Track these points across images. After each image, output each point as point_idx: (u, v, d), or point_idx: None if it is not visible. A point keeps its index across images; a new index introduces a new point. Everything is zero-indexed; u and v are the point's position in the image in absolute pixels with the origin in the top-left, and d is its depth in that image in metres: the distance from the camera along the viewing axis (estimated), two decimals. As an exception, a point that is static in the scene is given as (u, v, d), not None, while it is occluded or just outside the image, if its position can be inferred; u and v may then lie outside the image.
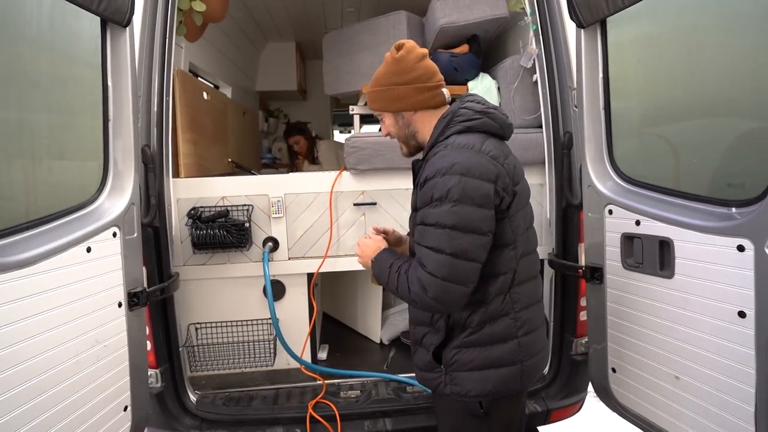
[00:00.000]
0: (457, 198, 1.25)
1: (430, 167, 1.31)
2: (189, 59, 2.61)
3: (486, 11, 2.47)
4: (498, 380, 1.38)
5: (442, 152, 1.32)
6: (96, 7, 1.46)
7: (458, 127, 1.36)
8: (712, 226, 1.37)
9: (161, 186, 2.01)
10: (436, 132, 1.40)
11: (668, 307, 1.54)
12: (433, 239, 1.27)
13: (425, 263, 1.28)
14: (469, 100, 1.43)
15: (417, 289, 1.29)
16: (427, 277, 1.27)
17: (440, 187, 1.26)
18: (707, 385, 1.42)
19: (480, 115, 1.38)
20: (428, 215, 1.29)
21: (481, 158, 1.30)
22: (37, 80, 1.48)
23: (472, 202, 1.26)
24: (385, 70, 1.44)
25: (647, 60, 1.85)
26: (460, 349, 1.39)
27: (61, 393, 1.39)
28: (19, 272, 1.25)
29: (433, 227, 1.27)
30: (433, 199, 1.28)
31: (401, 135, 1.50)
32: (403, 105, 1.43)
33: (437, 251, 1.26)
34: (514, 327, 1.40)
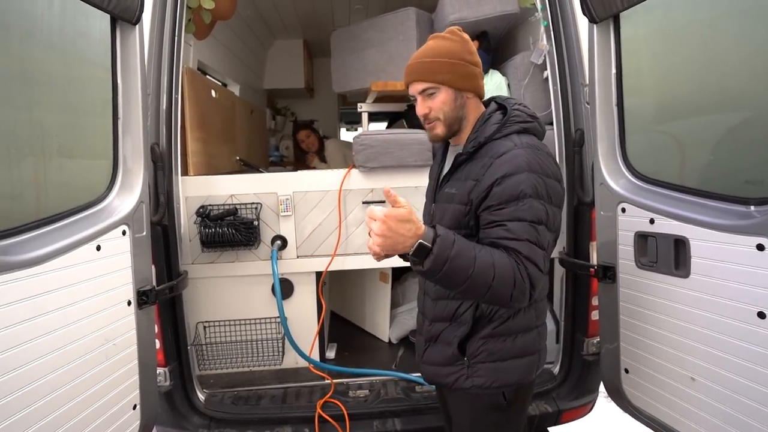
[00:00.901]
0: (544, 196, 1.26)
1: (505, 164, 1.26)
2: (197, 57, 2.61)
3: (496, 7, 2.44)
4: (521, 370, 1.40)
5: (514, 151, 1.29)
6: (106, 5, 1.45)
7: (516, 127, 1.35)
8: (730, 224, 1.34)
9: (170, 184, 2.00)
10: (487, 129, 1.36)
11: (684, 307, 1.51)
12: (535, 235, 1.23)
13: (536, 259, 1.22)
14: (516, 104, 1.41)
15: (525, 287, 1.20)
16: (538, 274, 1.23)
17: (528, 183, 1.24)
18: (724, 387, 1.39)
19: (531, 119, 1.39)
20: (524, 210, 1.23)
21: (551, 160, 1.33)
22: (47, 79, 1.48)
23: (553, 202, 1.29)
24: (456, 45, 1.36)
25: (661, 55, 1.82)
26: (486, 340, 1.38)
27: (71, 391, 1.39)
28: (29, 270, 1.25)
29: (534, 223, 1.24)
30: (524, 194, 1.23)
31: (451, 116, 1.39)
32: (472, 85, 1.39)
33: (540, 247, 1.24)
34: (534, 316, 1.42)
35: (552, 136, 2.18)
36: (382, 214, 1.14)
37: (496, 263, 1.18)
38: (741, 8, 1.50)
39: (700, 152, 1.67)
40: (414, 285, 3.02)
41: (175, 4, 2.01)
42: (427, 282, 1.49)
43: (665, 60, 1.78)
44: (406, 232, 1.14)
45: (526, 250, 1.21)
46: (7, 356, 1.18)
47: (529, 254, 1.22)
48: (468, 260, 1.15)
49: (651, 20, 1.73)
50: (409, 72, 1.39)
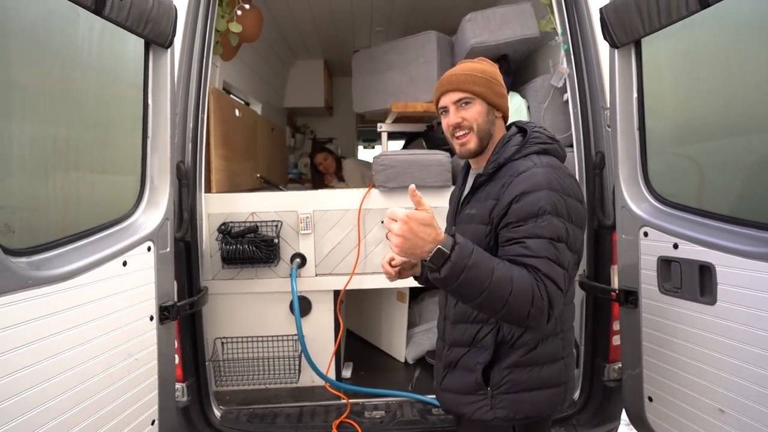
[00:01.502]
0: (564, 215, 1.25)
1: (524, 182, 1.26)
2: (223, 77, 2.68)
3: (516, 31, 2.47)
4: (545, 402, 1.35)
5: (534, 170, 1.29)
6: (142, 30, 1.52)
7: (535, 147, 1.36)
8: (759, 251, 1.31)
9: (194, 201, 2.05)
10: (508, 150, 1.37)
11: (710, 335, 1.48)
12: (554, 252, 1.21)
13: (555, 277, 1.19)
14: (536, 126, 1.44)
15: (543, 305, 1.16)
16: (557, 293, 1.19)
17: (547, 200, 1.23)
18: (756, 420, 1.34)
19: (551, 141, 1.40)
20: (544, 226, 1.22)
21: (570, 180, 1.32)
22: (84, 99, 1.55)
23: (573, 221, 1.27)
24: (489, 67, 1.44)
25: (684, 78, 1.81)
26: (512, 370, 1.33)
27: (94, 405, 1.41)
28: (60, 285, 1.29)
29: (554, 240, 1.22)
30: (543, 211, 1.22)
31: (483, 128, 1.41)
32: (503, 104, 1.44)
33: (560, 264, 1.21)
34: (561, 347, 1.38)
35: (572, 159, 2.17)
36: (404, 215, 1.12)
37: (515, 278, 1.15)
38: (764, 30, 1.50)
39: (723, 176, 1.65)
40: (431, 305, 3.00)
41: (205, 28, 2.09)
42: (447, 305, 1.47)
43: (687, 83, 1.78)
44: (426, 236, 1.12)
45: (545, 268, 1.18)
46: (35, 369, 1.21)
47: (548, 272, 1.19)
48: (486, 271, 1.13)
49: (673, 44, 1.73)
50: (444, 83, 1.43)
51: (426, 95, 2.74)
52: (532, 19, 2.49)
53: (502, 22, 2.47)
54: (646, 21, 1.60)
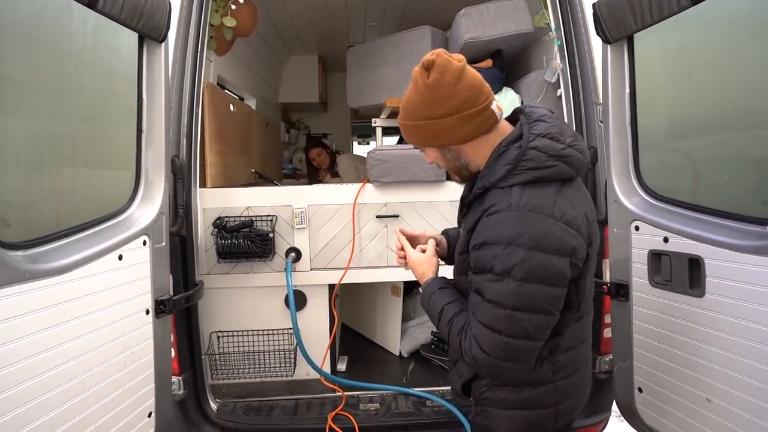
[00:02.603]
0: (523, 276, 1.07)
1: (488, 229, 1.11)
2: (217, 72, 2.68)
3: (510, 26, 2.48)
4: (528, 420, 1.29)
5: (504, 214, 1.10)
6: (135, 24, 1.52)
7: (525, 176, 1.11)
8: (746, 244, 1.34)
9: (189, 196, 2.05)
10: (496, 170, 1.16)
11: (699, 326, 1.51)
12: (490, 317, 1.12)
13: (480, 342, 1.13)
14: (541, 134, 1.14)
15: (470, 361, 1.18)
16: (482, 356, 1.14)
17: (502, 260, 1.08)
18: (742, 409, 1.37)
19: (554, 161, 1.12)
20: (487, 289, 1.12)
21: (554, 227, 1.09)
22: (78, 93, 1.54)
23: (541, 281, 1.08)
24: (418, 99, 1.16)
25: (675, 74, 1.83)
26: (490, 387, 1.31)
27: (90, 398, 1.42)
28: (55, 279, 1.29)
29: (491, 304, 1.11)
30: (494, 272, 1.10)
31: (451, 167, 1.29)
32: (449, 139, 1.18)
33: (494, 331, 1.11)
34: (550, 371, 1.26)
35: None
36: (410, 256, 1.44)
37: (451, 329, 1.25)
38: (755, 27, 1.52)
39: (714, 171, 1.68)
40: (425, 299, 3.02)
41: (199, 22, 2.08)
42: None
43: (679, 79, 1.80)
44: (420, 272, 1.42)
45: (474, 329, 1.16)
46: (32, 362, 1.22)
47: (475, 333, 1.15)
48: (434, 316, 1.32)
49: (665, 40, 1.75)
50: None
51: (421, 90, 2.74)
52: (525, 14, 2.50)
53: (496, 18, 2.48)
54: (638, 17, 1.62)
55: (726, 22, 1.57)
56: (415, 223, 2.34)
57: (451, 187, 2.35)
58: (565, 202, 1.13)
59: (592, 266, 1.26)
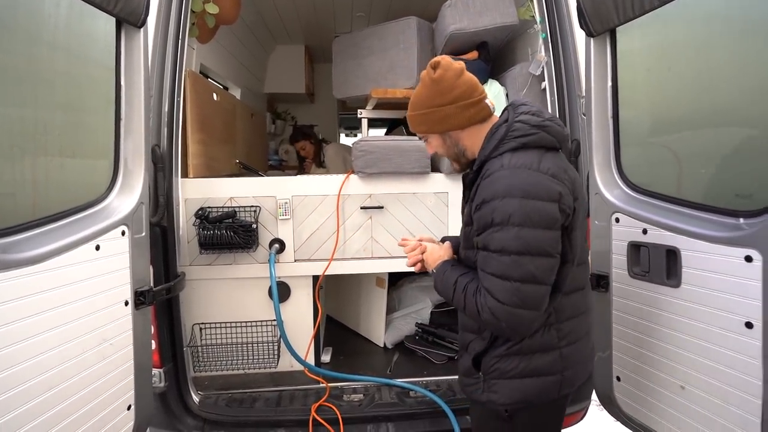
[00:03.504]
0: (520, 221, 1.21)
1: (486, 189, 1.27)
2: (200, 60, 2.63)
3: (496, 18, 2.48)
4: (535, 389, 1.38)
5: (497, 174, 1.27)
6: (112, 8, 1.48)
7: (512, 143, 1.30)
8: (720, 236, 1.36)
9: (170, 186, 2.02)
10: (489, 146, 1.35)
11: (674, 316, 1.54)
12: (499, 266, 1.24)
13: (494, 292, 1.25)
14: (524, 112, 1.36)
15: (487, 317, 1.27)
16: (498, 306, 1.24)
17: (500, 211, 1.23)
18: (713, 395, 1.41)
19: (536, 129, 1.31)
20: (491, 241, 1.25)
21: (540, 177, 1.25)
22: (52, 78, 1.50)
23: (537, 225, 1.22)
24: (425, 92, 1.39)
25: (656, 69, 1.85)
26: (500, 358, 1.39)
27: (66, 391, 1.39)
28: (28, 269, 1.27)
29: (497, 253, 1.24)
30: (494, 223, 1.24)
31: (451, 154, 1.46)
32: (449, 125, 1.39)
33: (504, 279, 1.23)
34: (556, 338, 1.38)
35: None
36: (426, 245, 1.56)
37: (467, 293, 1.33)
38: (733, 25, 1.54)
39: (692, 165, 1.70)
40: (410, 290, 3.04)
41: (180, 8, 2.04)
42: None
43: (659, 74, 1.82)
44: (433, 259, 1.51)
45: (486, 282, 1.27)
46: (3, 354, 1.19)
47: (488, 286, 1.26)
48: (449, 290, 1.40)
49: (646, 35, 1.77)
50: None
51: (406, 81, 2.73)
52: (511, 6, 2.50)
53: (482, 9, 2.48)
54: (621, 10, 1.63)
55: (704, 18, 1.59)
56: (400, 214, 2.34)
57: (435, 178, 2.35)
58: (548, 161, 1.30)
59: (582, 222, 1.39)
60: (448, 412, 2.03)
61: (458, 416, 2.02)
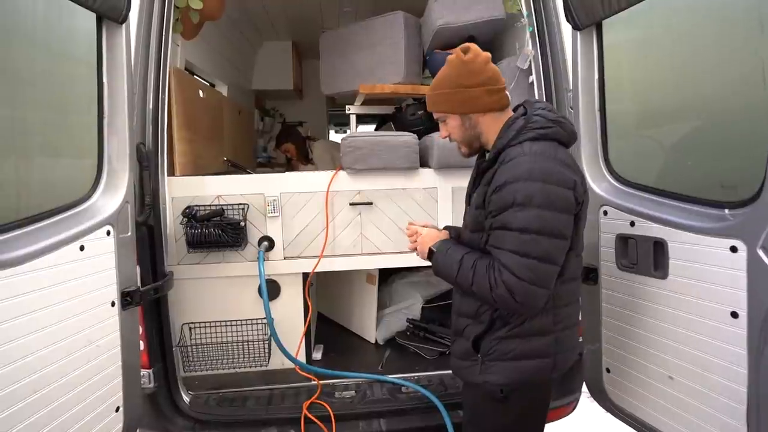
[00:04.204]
0: (541, 203, 1.28)
1: (507, 172, 1.33)
2: (185, 57, 2.59)
3: (483, 13, 2.48)
4: (530, 369, 1.44)
5: (519, 159, 1.33)
6: (91, 4, 1.45)
7: (532, 134, 1.37)
8: (706, 227, 1.38)
9: (156, 184, 1.99)
10: (508, 134, 1.40)
11: (662, 307, 1.55)
12: (519, 243, 1.29)
13: (512, 268, 1.29)
14: (541, 108, 1.44)
15: (502, 292, 1.30)
16: (515, 281, 1.29)
17: (522, 192, 1.28)
18: (700, 385, 1.43)
19: (553, 123, 1.40)
20: (512, 219, 1.30)
21: (558, 166, 1.33)
22: (31, 76, 1.47)
23: (556, 208, 1.29)
24: (453, 72, 1.44)
25: (642, 62, 1.86)
26: (500, 340, 1.44)
27: (52, 394, 1.37)
28: (10, 270, 1.24)
29: (517, 232, 1.29)
30: (516, 203, 1.29)
31: (466, 137, 1.50)
32: (474, 107, 1.44)
33: (523, 255, 1.28)
34: (553, 322, 1.44)
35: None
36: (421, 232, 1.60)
37: (476, 270, 1.36)
38: (716, 18, 1.56)
39: (678, 156, 1.72)
40: (401, 286, 3.04)
41: (163, 3, 2.00)
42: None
43: (645, 67, 1.83)
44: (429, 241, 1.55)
45: (504, 258, 1.31)
46: (-13, 357, 1.17)
47: (506, 262, 1.30)
48: (453, 267, 1.42)
49: (632, 29, 1.78)
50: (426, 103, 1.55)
51: (394, 77, 2.72)
52: (497, 0, 2.50)
53: (469, 4, 2.47)
54: (606, 3, 1.63)
55: (688, 10, 1.60)
56: (389, 210, 2.33)
57: (424, 174, 2.35)
58: (563, 153, 1.39)
59: (584, 216, 1.45)
60: (439, 407, 2.04)
61: (450, 411, 2.02)
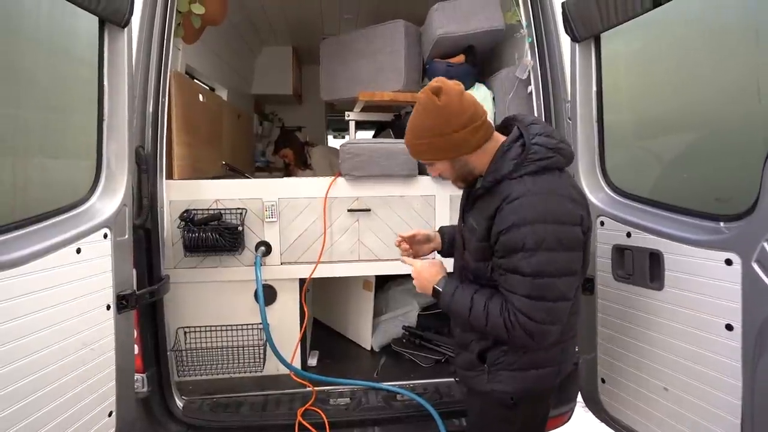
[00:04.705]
0: (553, 246, 1.26)
1: (513, 214, 1.28)
2: (186, 61, 2.60)
3: (483, 23, 2.50)
4: (536, 379, 1.45)
5: (524, 199, 1.28)
6: (95, 7, 1.45)
7: (533, 167, 1.32)
8: (701, 239, 1.39)
9: (154, 187, 1.99)
10: (505, 164, 1.34)
11: (657, 318, 1.56)
12: (534, 288, 1.27)
13: (529, 312, 1.28)
14: (538, 133, 1.35)
15: (519, 334, 1.30)
16: (533, 325, 1.29)
17: (532, 236, 1.25)
18: (695, 397, 1.43)
19: (553, 153, 1.34)
20: (524, 265, 1.27)
21: (566, 203, 1.31)
22: (32, 77, 1.47)
23: (567, 248, 1.28)
24: (430, 120, 1.33)
25: (639, 74, 1.88)
26: (506, 352, 1.45)
27: (46, 397, 1.36)
28: (6, 272, 1.24)
29: (531, 277, 1.27)
30: (526, 248, 1.26)
31: (458, 175, 1.45)
32: (463, 150, 1.36)
33: (538, 299, 1.28)
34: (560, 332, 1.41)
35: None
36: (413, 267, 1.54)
37: (490, 312, 1.35)
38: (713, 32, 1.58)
39: (673, 168, 1.74)
40: (397, 293, 3.03)
41: (165, 8, 2.01)
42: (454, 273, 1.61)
43: (642, 79, 1.85)
44: (429, 277, 1.50)
45: (518, 303, 1.30)
46: (-20, 359, 1.16)
47: (521, 307, 1.29)
48: (464, 308, 1.40)
49: (630, 41, 1.80)
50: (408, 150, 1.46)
51: (394, 84, 2.74)
52: (497, 10, 2.53)
53: (469, 14, 2.50)
54: (605, 17, 1.65)
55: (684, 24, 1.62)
56: (387, 217, 2.34)
57: (422, 181, 2.36)
58: (566, 183, 1.36)
59: (590, 241, 1.44)
60: (434, 416, 2.03)
61: (445, 419, 2.02)
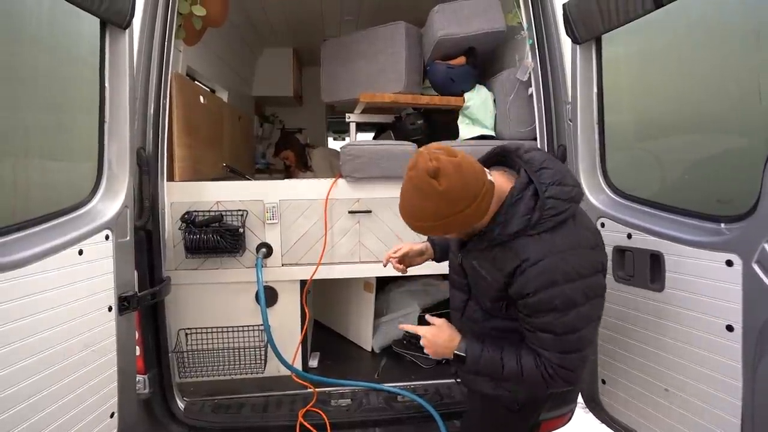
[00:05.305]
0: (582, 301, 1.26)
1: (536, 279, 1.25)
2: (187, 63, 2.61)
3: (484, 25, 2.50)
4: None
5: (546, 262, 1.24)
6: (96, 9, 1.46)
7: (550, 223, 1.27)
8: (702, 240, 1.39)
9: (155, 189, 2.00)
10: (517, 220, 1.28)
11: (658, 320, 1.56)
12: (567, 345, 1.28)
13: (566, 365, 1.29)
14: (551, 183, 1.29)
15: (560, 384, 1.32)
16: (570, 374, 1.31)
17: (561, 297, 1.25)
18: (695, 397, 1.43)
19: (568, 204, 1.29)
20: (556, 325, 1.27)
21: (587, 255, 1.30)
22: (33, 78, 1.47)
23: (594, 297, 1.30)
24: (432, 205, 1.24)
25: (640, 76, 1.89)
26: None
27: (48, 398, 1.36)
28: (9, 274, 1.24)
29: (565, 335, 1.28)
30: (557, 309, 1.25)
31: (465, 232, 1.40)
32: (473, 221, 1.29)
33: (574, 352, 1.29)
34: None
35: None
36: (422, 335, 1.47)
37: (524, 368, 1.33)
38: (714, 34, 1.58)
39: (674, 170, 1.74)
40: (398, 295, 3.03)
41: (166, 10, 2.01)
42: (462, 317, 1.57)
43: (643, 81, 1.85)
44: (444, 342, 1.45)
45: (554, 359, 1.30)
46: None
47: (555, 361, 1.30)
48: (496, 367, 1.37)
49: (631, 43, 1.80)
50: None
51: (394, 86, 2.74)
52: (498, 12, 2.53)
53: (470, 16, 2.50)
54: (606, 19, 1.66)
55: (686, 26, 1.63)
56: (388, 218, 2.34)
57: (423, 183, 2.35)
58: (584, 230, 1.34)
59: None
60: (435, 417, 2.04)
61: (446, 420, 2.02)
